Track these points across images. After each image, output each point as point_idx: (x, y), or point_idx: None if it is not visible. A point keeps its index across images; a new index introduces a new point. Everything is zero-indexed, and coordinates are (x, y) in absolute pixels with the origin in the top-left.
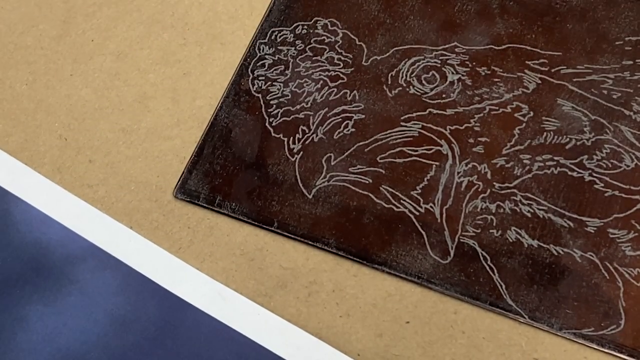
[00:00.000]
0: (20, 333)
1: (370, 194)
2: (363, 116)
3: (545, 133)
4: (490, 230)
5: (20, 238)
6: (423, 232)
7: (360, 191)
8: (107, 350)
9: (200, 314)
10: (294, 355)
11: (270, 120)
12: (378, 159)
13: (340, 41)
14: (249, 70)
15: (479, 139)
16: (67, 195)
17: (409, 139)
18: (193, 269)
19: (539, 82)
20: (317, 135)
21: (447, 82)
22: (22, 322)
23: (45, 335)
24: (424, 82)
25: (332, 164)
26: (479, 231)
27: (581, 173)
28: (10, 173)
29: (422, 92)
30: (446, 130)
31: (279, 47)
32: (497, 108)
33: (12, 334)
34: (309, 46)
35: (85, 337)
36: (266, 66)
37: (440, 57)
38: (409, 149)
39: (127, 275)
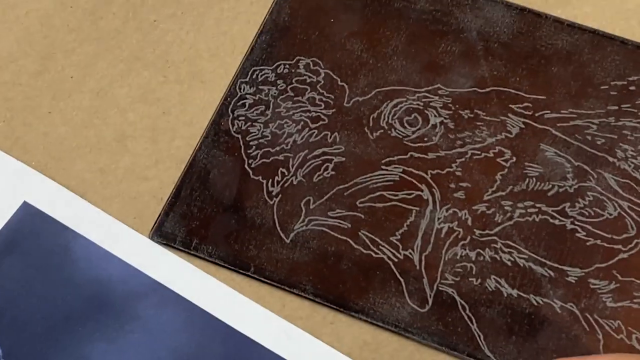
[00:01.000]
0: None
1: (349, 239)
2: (343, 159)
3: (527, 179)
4: (470, 279)
5: (81, 275)
6: (401, 280)
7: (339, 236)
8: None
9: (266, 352)
10: None
11: (250, 161)
12: (358, 203)
13: (322, 81)
14: (229, 110)
15: (460, 184)
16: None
17: (389, 183)
18: (258, 306)
19: (523, 126)
20: (296, 178)
21: (430, 125)
22: None
23: None
24: (406, 124)
25: (311, 207)
26: (458, 279)
27: (563, 221)
28: (71, 209)
29: (403, 135)
30: (427, 174)
31: (260, 87)
32: (479, 152)
33: None
34: (291, 86)
35: None
36: (247, 106)
37: (423, 100)
38: (389, 194)
39: (190, 312)
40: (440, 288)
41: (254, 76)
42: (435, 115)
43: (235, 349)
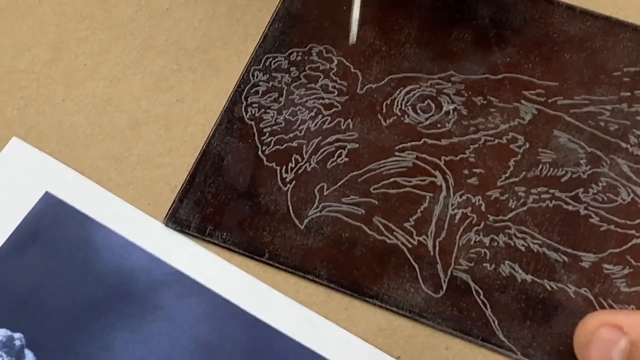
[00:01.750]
0: None
1: (363, 225)
2: (357, 145)
3: (540, 165)
4: (484, 264)
5: (103, 264)
6: (415, 265)
7: (353, 222)
8: None
9: (289, 341)
10: None
11: (263, 148)
12: (371, 189)
13: (335, 68)
14: (243, 97)
15: (474, 170)
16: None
17: (403, 169)
18: (280, 294)
19: (536, 112)
20: (310, 165)
21: (443, 112)
22: (108, 350)
23: None
24: (419, 111)
25: (325, 194)
26: (472, 265)
27: (576, 207)
28: (92, 198)
29: (417, 121)
30: (441, 160)
31: (273, 74)
32: (492, 139)
33: None
34: (304, 73)
35: None
36: (260, 93)
37: (436, 86)
38: (402, 180)
39: (212, 301)
40: (454, 273)
41: (267, 63)
42: (448, 102)
43: (257, 338)
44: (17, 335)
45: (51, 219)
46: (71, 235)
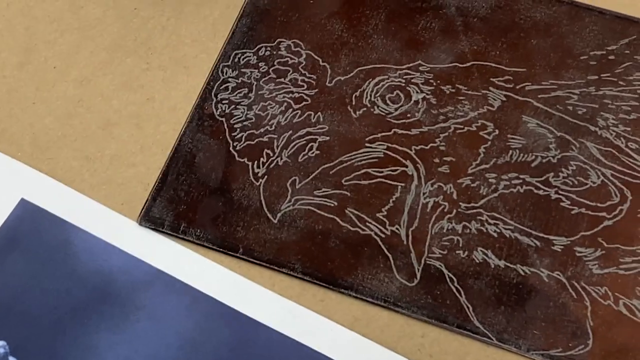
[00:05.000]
0: None
1: (336, 217)
2: (327, 138)
3: (510, 151)
4: (457, 251)
5: (83, 267)
6: (389, 255)
7: (326, 214)
8: None
9: (272, 332)
10: None
11: (235, 144)
12: (343, 181)
13: (304, 62)
14: (213, 94)
15: (445, 158)
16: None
17: (374, 160)
18: (260, 287)
19: (504, 99)
20: (281, 159)
21: (412, 102)
22: (92, 352)
23: None
24: (388, 102)
25: (297, 187)
26: (445, 252)
27: (547, 191)
28: (68, 202)
29: (386, 112)
30: (411, 150)
31: (243, 70)
32: (462, 127)
33: None
34: (273, 68)
35: None
36: (230, 89)
37: (405, 76)
38: (374, 171)
39: (193, 298)
40: (428, 262)
41: (236, 60)
42: (417, 92)
43: (240, 331)
44: (0, 343)
45: (29, 225)
46: (50, 240)
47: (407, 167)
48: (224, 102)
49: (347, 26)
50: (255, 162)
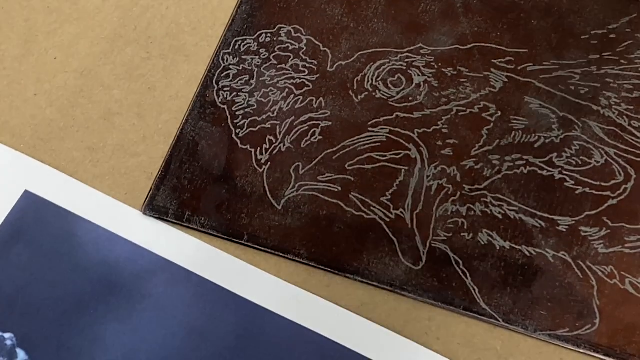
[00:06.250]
0: (98, 353)
1: (340, 202)
2: (330, 123)
3: (513, 132)
4: (462, 234)
5: (88, 258)
6: (394, 239)
7: (330, 200)
8: None
9: (279, 319)
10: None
11: (237, 131)
12: (346, 166)
13: (305, 48)
14: (214, 81)
15: (448, 141)
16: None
17: (377, 144)
18: (266, 274)
19: (506, 80)
20: (284, 145)
21: (414, 85)
22: (99, 342)
23: (124, 354)
24: (390, 85)
25: (301, 173)
26: (450, 235)
27: (551, 171)
28: (71, 193)
29: (388, 96)
30: (414, 133)
31: (243, 57)
32: (464, 109)
33: (91, 356)
34: (273, 54)
35: (165, 352)
36: (231, 77)
37: (406, 60)
38: (377, 155)
39: (199, 286)
40: (433, 245)
41: (237, 47)
42: (418, 75)
43: (247, 319)
44: (7, 335)
45: (33, 217)
46: (54, 232)
47: (410, 150)
48: (225, 89)
49: (347, 10)
50: (258, 148)
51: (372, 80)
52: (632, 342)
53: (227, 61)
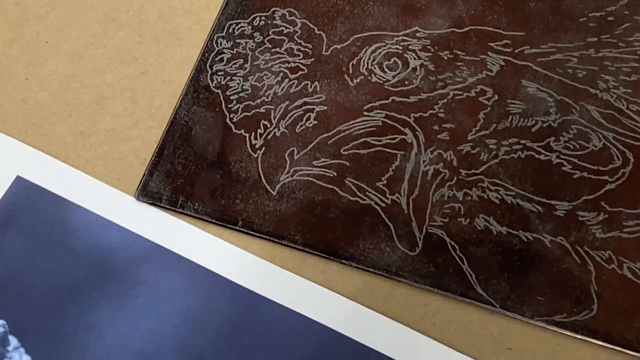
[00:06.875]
0: (92, 341)
1: (336, 188)
2: (325, 107)
3: (510, 116)
4: (458, 219)
5: (81, 244)
6: (390, 224)
7: (325, 185)
8: (183, 350)
9: (274, 305)
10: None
11: (231, 116)
12: (342, 150)
13: (299, 31)
14: (208, 65)
15: (444, 125)
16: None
17: (372, 128)
18: (260, 259)
19: (503, 64)
20: (279, 130)
21: (410, 69)
22: (93, 330)
23: (118, 341)
24: (385, 69)
25: (296, 158)
26: (446, 220)
27: (548, 156)
28: (64, 179)
29: (384, 79)
30: (410, 118)
31: (237, 41)
32: (461, 93)
33: (84, 343)
34: (268, 38)
35: (159, 339)
36: (225, 60)
37: (402, 43)
38: (373, 139)
39: (193, 272)
40: (429, 230)
41: (231, 30)
42: (414, 58)
43: (242, 305)
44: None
45: (25, 203)
46: (47, 218)
47: (406, 135)
48: (219, 73)
49: None
50: (253, 133)
51: (367, 64)
52: (630, 328)
53: (221, 45)
